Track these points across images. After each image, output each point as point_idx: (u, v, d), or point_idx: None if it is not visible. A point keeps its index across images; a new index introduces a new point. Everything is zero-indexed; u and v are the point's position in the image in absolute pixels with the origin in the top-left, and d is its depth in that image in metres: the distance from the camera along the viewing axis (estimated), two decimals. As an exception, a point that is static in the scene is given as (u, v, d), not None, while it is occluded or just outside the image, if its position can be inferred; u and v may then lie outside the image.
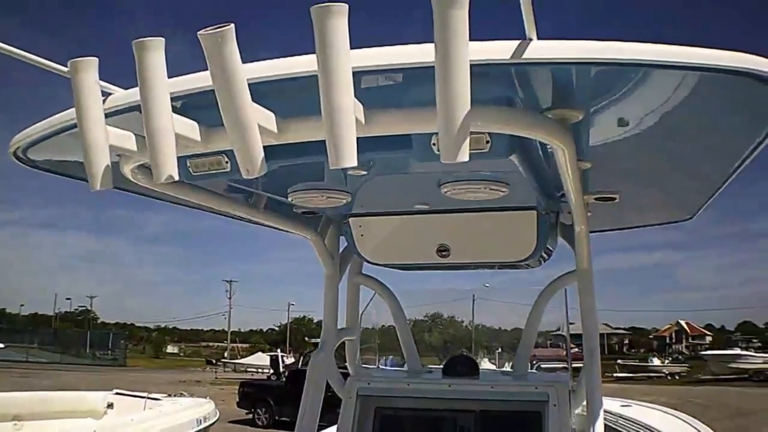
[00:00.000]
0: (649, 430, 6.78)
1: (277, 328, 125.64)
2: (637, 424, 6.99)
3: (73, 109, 2.53)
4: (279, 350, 73.90)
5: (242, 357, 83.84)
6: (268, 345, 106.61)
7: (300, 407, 4.51)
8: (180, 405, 11.65)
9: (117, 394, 12.54)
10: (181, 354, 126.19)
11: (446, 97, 2.10)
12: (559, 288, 5.07)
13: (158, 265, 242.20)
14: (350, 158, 2.19)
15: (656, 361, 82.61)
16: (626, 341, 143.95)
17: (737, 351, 76.90)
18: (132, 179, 3.14)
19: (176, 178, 2.35)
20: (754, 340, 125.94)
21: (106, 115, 2.42)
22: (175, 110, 2.34)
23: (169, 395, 12.76)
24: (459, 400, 4.79)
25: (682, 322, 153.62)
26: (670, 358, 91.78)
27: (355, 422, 4.80)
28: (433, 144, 2.63)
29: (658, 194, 4.56)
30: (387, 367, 6.19)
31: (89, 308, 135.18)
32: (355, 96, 2.17)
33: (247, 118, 2.25)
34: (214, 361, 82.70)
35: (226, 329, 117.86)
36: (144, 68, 2.23)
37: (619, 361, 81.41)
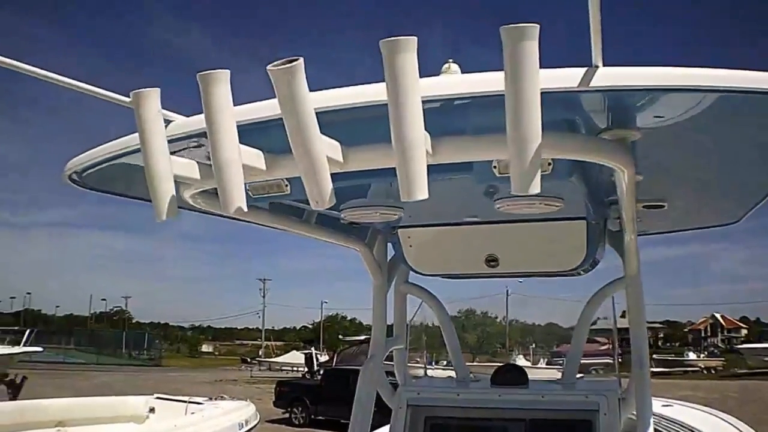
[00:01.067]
0: (689, 428, 6.73)
1: (310, 326, 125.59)
2: (680, 425, 6.92)
3: (130, 136, 2.59)
4: (313, 348, 73.96)
5: (276, 355, 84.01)
6: (302, 343, 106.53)
7: (351, 418, 4.52)
8: (221, 409, 11.68)
9: (158, 398, 12.57)
10: (216, 353, 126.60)
11: (518, 130, 2.11)
12: (608, 295, 5.03)
13: (191, 263, 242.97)
14: (422, 192, 2.22)
15: (692, 356, 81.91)
16: (661, 335, 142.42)
17: (773, 344, 75.94)
18: (192, 204, 3.18)
19: (245, 210, 2.37)
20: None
21: (168, 143, 2.43)
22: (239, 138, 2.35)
23: (210, 398, 12.72)
24: (509, 410, 4.78)
25: (717, 315, 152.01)
26: (705, 352, 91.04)
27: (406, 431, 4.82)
28: (494, 167, 2.65)
29: (705, 201, 4.53)
30: (434, 375, 6.19)
31: (124, 308, 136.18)
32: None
33: (317, 151, 2.26)
34: (249, 360, 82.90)
35: (261, 327, 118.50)
36: (210, 101, 2.24)
37: (654, 355, 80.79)
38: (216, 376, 61.69)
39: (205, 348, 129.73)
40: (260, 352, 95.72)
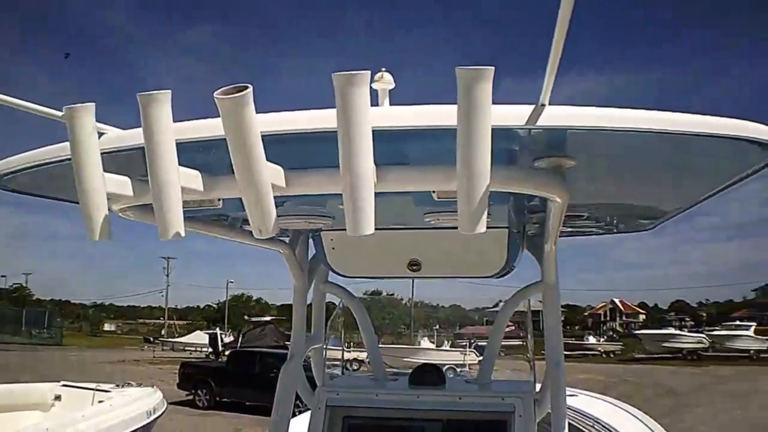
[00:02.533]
0: (597, 422, 6.89)
1: (215, 306, 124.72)
2: (585, 416, 7.09)
3: (60, 146, 2.51)
4: (218, 329, 73.50)
5: (180, 335, 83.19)
6: (206, 322, 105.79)
7: (271, 419, 4.49)
8: (129, 397, 11.39)
9: (64, 385, 12.22)
10: (119, 332, 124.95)
11: (469, 170, 2.15)
12: (525, 298, 5.11)
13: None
14: (369, 227, 2.26)
15: (592, 339, 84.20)
16: (562, 318, 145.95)
17: (671, 330, 78.56)
18: (122, 216, 3.07)
19: (183, 235, 2.31)
20: (687, 320, 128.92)
21: (102, 155, 2.32)
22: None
23: (117, 385, 12.49)
24: (426, 411, 4.81)
25: (617, 301, 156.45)
26: (605, 336, 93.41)
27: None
28: (433, 192, 2.66)
29: (622, 216, 4.63)
30: (351, 373, 6.20)
31: (24, 285, 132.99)
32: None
33: (263, 182, 2.22)
34: (152, 340, 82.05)
35: (164, 306, 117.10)
36: (150, 123, 2.16)
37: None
38: (118, 356, 60.80)
39: (107, 327, 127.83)
40: (163, 332, 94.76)
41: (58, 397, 11.93)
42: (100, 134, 2.42)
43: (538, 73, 2.29)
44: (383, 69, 3.02)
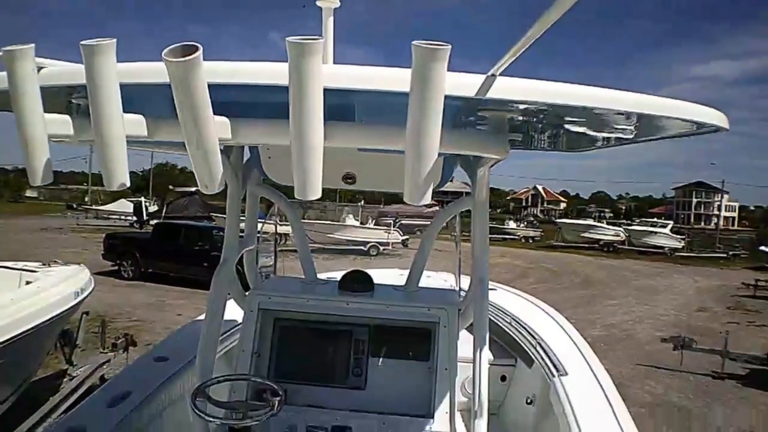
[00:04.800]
0: (515, 320, 7.07)
1: (140, 173, 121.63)
2: (502, 311, 7.29)
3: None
4: (142, 197, 72.58)
5: (103, 202, 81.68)
6: (130, 190, 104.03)
7: (204, 322, 4.53)
8: (56, 277, 11.32)
9: None
10: (41, 198, 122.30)
11: (417, 147, 2.22)
12: (455, 212, 5.22)
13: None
14: (315, 192, 2.29)
15: (512, 224, 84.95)
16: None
17: (590, 222, 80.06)
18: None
19: (128, 185, 2.35)
20: (606, 212, 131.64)
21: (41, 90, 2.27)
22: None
23: (43, 264, 12.24)
24: (355, 317, 4.98)
25: (539, 187, 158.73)
26: (525, 222, 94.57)
27: (256, 334, 4.93)
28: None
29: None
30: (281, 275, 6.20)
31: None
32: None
33: (210, 141, 2.26)
34: (75, 207, 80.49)
35: (87, 172, 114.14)
36: (94, 75, 2.15)
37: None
38: (41, 223, 59.63)
39: (29, 193, 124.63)
40: (86, 198, 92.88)
41: None
42: (39, 68, 2.35)
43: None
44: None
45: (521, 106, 2.64)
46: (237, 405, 4.04)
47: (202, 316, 4.61)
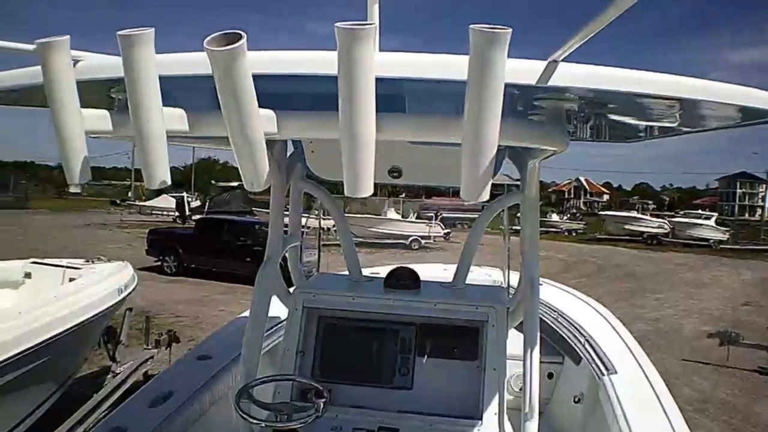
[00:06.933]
0: (561, 315, 6.93)
1: (181, 168, 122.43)
2: (549, 307, 7.12)
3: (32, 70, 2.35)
4: (185, 193, 73.20)
5: (146, 197, 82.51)
6: (172, 186, 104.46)
7: (248, 321, 4.47)
8: (99, 274, 11.33)
9: (34, 263, 11.85)
10: (84, 194, 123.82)
11: (476, 138, 2.11)
12: (503, 207, 5.08)
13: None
14: (367, 189, 2.18)
15: (555, 217, 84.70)
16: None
17: (633, 213, 79.29)
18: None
19: (169, 183, 2.25)
20: (649, 203, 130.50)
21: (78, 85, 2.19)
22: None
23: (87, 260, 12.25)
24: (401, 315, 4.86)
25: (582, 179, 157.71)
26: (568, 214, 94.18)
27: (301, 332, 4.86)
28: None
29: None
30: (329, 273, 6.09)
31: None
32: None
33: (256, 136, 2.17)
34: (118, 202, 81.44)
35: (130, 168, 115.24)
36: (132, 68, 2.07)
37: (518, 214, 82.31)
38: (85, 219, 60.54)
39: (72, 189, 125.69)
40: (129, 194, 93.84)
41: (28, 275, 11.78)
42: (76, 62, 2.29)
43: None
44: None
45: (589, 95, 2.49)
46: (282, 407, 3.99)
47: (245, 313, 4.55)
